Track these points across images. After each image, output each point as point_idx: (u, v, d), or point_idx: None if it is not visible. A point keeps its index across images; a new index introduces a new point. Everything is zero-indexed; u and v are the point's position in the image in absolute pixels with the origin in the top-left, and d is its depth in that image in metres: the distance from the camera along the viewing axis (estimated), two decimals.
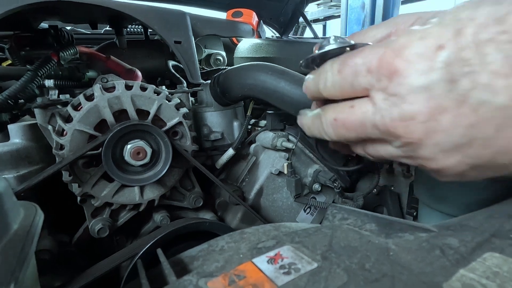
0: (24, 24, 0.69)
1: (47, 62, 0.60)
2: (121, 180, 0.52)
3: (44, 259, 0.51)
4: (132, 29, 1.35)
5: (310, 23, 1.51)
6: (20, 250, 0.22)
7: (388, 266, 0.25)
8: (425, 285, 0.22)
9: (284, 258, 0.27)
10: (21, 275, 0.20)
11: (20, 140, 0.56)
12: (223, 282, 0.25)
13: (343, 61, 0.28)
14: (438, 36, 0.23)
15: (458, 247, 0.27)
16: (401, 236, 0.31)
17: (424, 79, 0.23)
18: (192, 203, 0.65)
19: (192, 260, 0.32)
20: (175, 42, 0.60)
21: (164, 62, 0.84)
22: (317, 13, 5.84)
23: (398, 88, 0.24)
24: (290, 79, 0.63)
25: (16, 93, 0.56)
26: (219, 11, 1.19)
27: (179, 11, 0.61)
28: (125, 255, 0.44)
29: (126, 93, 0.53)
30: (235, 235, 0.34)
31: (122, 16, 0.58)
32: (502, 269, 0.23)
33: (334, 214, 0.38)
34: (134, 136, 0.53)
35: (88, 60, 0.72)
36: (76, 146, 0.51)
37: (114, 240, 0.63)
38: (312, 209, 0.73)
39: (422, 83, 0.23)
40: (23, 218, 0.26)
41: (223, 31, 0.72)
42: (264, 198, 0.69)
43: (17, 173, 0.54)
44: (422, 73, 0.23)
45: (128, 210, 0.59)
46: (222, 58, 1.20)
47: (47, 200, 0.58)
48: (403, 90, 0.23)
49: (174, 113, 0.57)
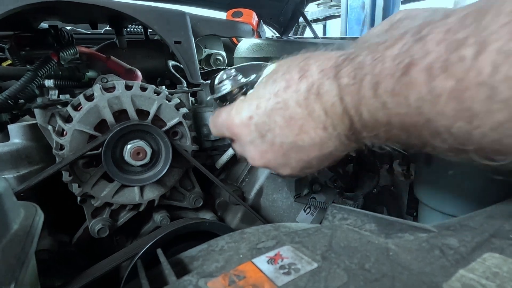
0: (24, 24, 0.69)
1: (47, 62, 0.60)
2: (121, 180, 0.52)
3: (44, 259, 0.51)
4: (132, 29, 1.35)
5: (310, 23, 1.51)
6: (20, 250, 0.22)
7: (388, 266, 0.25)
8: (425, 285, 0.22)
9: (284, 258, 0.27)
10: (21, 275, 0.20)
11: (20, 140, 0.56)
12: (223, 282, 0.25)
13: (213, 121, 0.45)
14: (248, 110, 0.38)
15: (458, 247, 0.27)
16: (401, 236, 0.31)
17: (249, 137, 0.39)
18: (192, 203, 0.65)
19: (192, 260, 0.32)
20: (175, 42, 0.60)
21: (164, 62, 0.84)
22: (317, 13, 5.84)
23: (241, 142, 0.41)
24: None
25: (16, 93, 0.56)
26: (219, 11, 1.19)
27: (179, 11, 0.61)
28: (125, 255, 0.44)
29: (126, 93, 0.53)
30: (235, 235, 0.34)
31: (122, 16, 0.58)
32: (502, 269, 0.23)
33: (334, 214, 0.38)
34: (134, 136, 0.53)
35: (88, 60, 0.72)
36: (76, 146, 0.51)
37: (114, 240, 0.63)
38: (312, 209, 0.73)
39: (248, 140, 0.39)
40: (23, 218, 0.26)
41: (223, 31, 0.72)
42: (264, 198, 0.69)
43: (17, 173, 0.54)
44: (247, 135, 0.39)
45: (128, 210, 0.59)
46: (222, 58, 1.20)
47: (47, 200, 0.58)
48: (243, 143, 0.40)
49: (174, 113, 0.57)
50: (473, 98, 0.21)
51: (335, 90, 0.31)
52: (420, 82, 0.23)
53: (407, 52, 0.24)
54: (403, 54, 0.25)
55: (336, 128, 0.33)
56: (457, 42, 0.21)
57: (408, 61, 0.24)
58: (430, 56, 0.23)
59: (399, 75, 0.24)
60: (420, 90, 0.23)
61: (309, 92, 0.33)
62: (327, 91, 0.32)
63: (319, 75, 0.33)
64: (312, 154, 0.36)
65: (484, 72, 0.20)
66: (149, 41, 0.88)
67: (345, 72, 0.30)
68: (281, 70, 0.36)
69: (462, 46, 0.21)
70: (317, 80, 0.33)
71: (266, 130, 0.37)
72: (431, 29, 0.23)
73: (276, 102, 0.35)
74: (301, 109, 0.34)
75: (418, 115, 0.25)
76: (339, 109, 0.31)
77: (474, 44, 0.20)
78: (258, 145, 0.39)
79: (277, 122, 0.35)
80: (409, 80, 0.24)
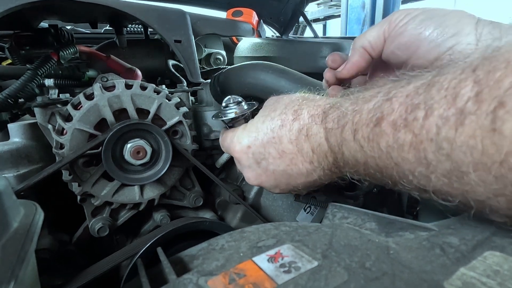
0: (24, 24, 0.68)
1: (47, 61, 0.60)
2: (121, 179, 0.52)
3: (44, 258, 0.51)
4: (132, 28, 1.35)
5: (310, 23, 1.51)
6: (20, 248, 0.22)
7: (388, 264, 0.25)
8: (425, 283, 0.22)
9: (285, 256, 0.27)
10: (21, 273, 0.20)
11: (20, 139, 0.56)
12: (223, 281, 0.25)
13: (221, 142, 0.53)
14: (248, 140, 0.46)
15: (459, 245, 0.27)
16: (401, 235, 0.31)
17: (247, 163, 0.47)
18: (192, 202, 0.64)
19: (192, 259, 0.32)
20: (175, 41, 0.60)
21: (164, 61, 0.84)
22: (317, 13, 5.84)
23: (240, 165, 0.49)
24: (290, 78, 0.63)
25: (16, 92, 0.55)
26: (219, 11, 1.19)
27: (179, 10, 0.61)
28: (125, 254, 0.44)
29: (126, 92, 0.53)
30: (235, 234, 0.34)
31: (122, 15, 0.58)
32: (503, 267, 0.23)
33: (334, 213, 0.38)
34: (134, 135, 0.53)
35: (88, 59, 0.72)
36: (76, 145, 0.51)
37: (114, 239, 0.63)
38: (312, 209, 0.73)
39: (246, 164, 0.47)
40: (23, 216, 0.26)
41: (223, 30, 0.72)
42: (264, 197, 0.69)
43: (17, 172, 0.53)
44: (245, 160, 0.47)
45: (128, 209, 0.59)
46: (222, 57, 1.20)
47: (47, 199, 0.58)
48: (242, 166, 0.49)
49: (174, 112, 0.57)
50: (426, 150, 0.26)
51: (322, 133, 0.39)
52: (388, 132, 0.29)
53: (378, 108, 0.30)
54: (376, 109, 0.31)
55: (321, 163, 0.40)
56: (413, 105, 0.27)
57: (379, 116, 0.30)
58: (394, 114, 0.28)
59: (372, 126, 0.30)
60: (388, 139, 0.29)
61: (300, 133, 0.41)
62: (315, 133, 0.39)
63: (309, 119, 0.40)
64: (299, 181, 0.44)
65: (431, 131, 0.25)
66: (149, 41, 0.88)
67: (330, 118, 0.37)
68: (279, 109, 0.44)
69: (416, 109, 0.26)
70: (307, 123, 0.40)
71: (261, 158, 0.45)
72: (396, 93, 0.30)
73: (272, 137, 0.43)
74: (292, 146, 0.42)
75: (388, 159, 0.30)
76: (325, 148, 0.39)
77: (424, 109, 0.25)
78: (254, 169, 0.47)
79: (271, 153, 0.44)
80: (380, 130, 0.30)
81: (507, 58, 0.22)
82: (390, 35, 0.44)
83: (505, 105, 0.20)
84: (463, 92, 0.23)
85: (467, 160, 0.23)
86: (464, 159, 0.23)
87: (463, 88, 0.23)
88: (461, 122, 0.23)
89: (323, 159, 0.40)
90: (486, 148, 0.21)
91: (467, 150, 0.23)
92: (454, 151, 0.23)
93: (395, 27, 0.43)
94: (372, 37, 0.45)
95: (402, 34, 0.42)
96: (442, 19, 0.40)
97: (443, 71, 0.26)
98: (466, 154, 0.23)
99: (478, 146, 0.22)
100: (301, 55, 0.97)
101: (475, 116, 0.22)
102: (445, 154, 0.24)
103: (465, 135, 0.23)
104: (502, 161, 0.21)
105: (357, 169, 0.36)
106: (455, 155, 0.23)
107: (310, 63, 0.94)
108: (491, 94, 0.21)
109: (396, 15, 0.44)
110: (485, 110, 0.21)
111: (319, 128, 0.39)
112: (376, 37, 0.45)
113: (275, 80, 0.63)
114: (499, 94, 0.21)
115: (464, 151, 0.23)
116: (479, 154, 0.22)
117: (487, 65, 0.22)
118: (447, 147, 0.24)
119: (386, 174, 0.32)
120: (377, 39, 0.45)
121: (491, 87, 0.21)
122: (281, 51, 1.02)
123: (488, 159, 0.22)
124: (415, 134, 0.26)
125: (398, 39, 0.43)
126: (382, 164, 0.31)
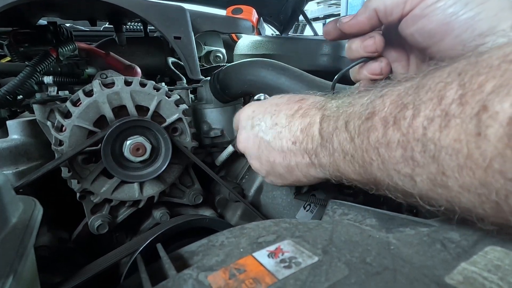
0: (23, 21, 0.68)
1: (46, 57, 0.59)
2: (120, 176, 0.52)
3: (44, 255, 0.51)
4: (131, 26, 1.34)
5: (310, 21, 1.51)
6: (19, 243, 0.22)
7: (389, 260, 0.25)
8: (426, 278, 0.22)
9: (285, 252, 0.27)
10: (20, 268, 0.20)
11: (19, 136, 0.56)
12: (223, 276, 0.24)
13: (237, 113, 0.55)
14: (255, 105, 0.50)
15: (460, 241, 0.27)
16: (402, 230, 0.31)
17: (245, 124, 0.50)
18: (191, 200, 0.64)
19: (192, 255, 0.32)
20: (175, 38, 0.60)
21: (163, 59, 0.84)
22: (317, 12, 5.83)
23: (239, 128, 0.52)
24: (291, 75, 0.63)
25: (15, 88, 0.55)
26: (219, 8, 1.18)
27: (179, 6, 0.61)
28: (124, 251, 0.44)
29: (126, 89, 0.52)
30: (235, 230, 0.34)
31: (121, 11, 0.58)
32: (504, 262, 0.23)
33: (335, 210, 0.38)
34: (133, 132, 0.52)
35: (87, 57, 0.71)
36: (75, 142, 0.50)
37: (113, 236, 0.62)
38: (312, 206, 0.72)
39: (243, 125, 0.50)
40: (22, 212, 0.26)
41: (223, 27, 0.72)
42: (264, 195, 0.69)
43: (16, 169, 0.53)
44: (244, 121, 0.50)
45: (128, 207, 0.59)
46: (222, 55, 1.20)
47: (46, 196, 0.57)
48: (240, 128, 0.51)
49: (173, 110, 0.56)
50: (413, 149, 0.26)
51: (318, 116, 0.40)
52: (378, 128, 0.29)
53: (371, 103, 0.31)
54: (368, 104, 0.32)
55: (302, 143, 0.42)
56: (403, 104, 0.27)
57: (371, 110, 0.31)
58: (385, 110, 0.29)
59: (364, 119, 0.31)
60: (378, 134, 0.29)
61: (297, 112, 0.43)
62: (311, 115, 0.41)
63: (311, 104, 0.43)
64: (277, 160, 0.46)
65: (418, 131, 0.25)
66: (149, 38, 0.88)
67: (328, 106, 0.39)
68: (286, 96, 0.47)
69: (405, 108, 0.27)
70: (308, 107, 0.43)
71: (256, 124, 0.48)
72: (388, 91, 0.30)
73: (274, 109, 0.46)
74: (285, 120, 0.44)
75: (375, 155, 0.30)
76: (314, 130, 0.40)
77: (412, 109, 0.26)
78: (247, 131, 0.49)
79: (266, 121, 0.47)
80: (371, 124, 0.30)
81: (489, 63, 0.22)
82: (414, 12, 0.37)
83: (488, 109, 0.20)
84: (448, 95, 0.23)
85: (452, 164, 0.23)
86: (449, 162, 0.23)
87: (448, 91, 0.23)
88: (446, 124, 0.23)
89: (307, 141, 0.40)
90: (471, 152, 0.21)
91: (452, 153, 0.23)
92: (440, 153, 0.24)
93: (421, 3, 0.36)
94: (391, 2, 0.38)
95: (428, 16, 0.35)
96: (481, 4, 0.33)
97: (431, 75, 0.27)
98: (451, 157, 0.23)
99: (463, 149, 0.22)
100: (301, 53, 0.96)
101: (460, 119, 0.22)
102: (431, 155, 0.24)
103: (450, 137, 0.23)
104: (486, 167, 0.21)
105: (341, 164, 0.36)
106: (441, 157, 0.24)
107: (310, 61, 0.94)
108: (474, 97, 0.21)
109: (374, 4, 0.39)
110: (469, 114, 0.21)
111: (317, 111, 0.41)
112: (395, 4, 0.38)
113: (275, 77, 0.62)
114: (482, 98, 0.21)
115: (449, 154, 0.23)
116: (464, 157, 0.22)
117: (471, 69, 0.23)
118: (433, 148, 0.24)
119: (370, 171, 0.32)
120: (396, 7, 0.38)
121: (474, 90, 0.21)
122: (281, 49, 1.01)
123: (472, 163, 0.22)
124: (403, 133, 0.26)
125: (422, 22, 0.36)
126: (368, 159, 0.31)
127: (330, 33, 0.47)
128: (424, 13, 0.36)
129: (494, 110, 0.20)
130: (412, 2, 0.36)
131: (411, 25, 0.38)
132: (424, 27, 0.36)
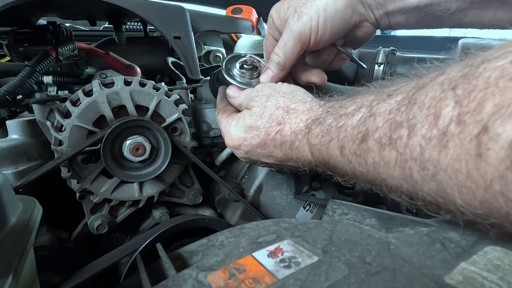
0: (23, 20, 0.68)
1: (46, 57, 0.59)
2: (120, 176, 0.52)
3: (43, 255, 0.51)
4: (131, 26, 1.34)
5: None
6: (19, 243, 0.22)
7: (389, 259, 0.25)
8: (426, 277, 0.22)
9: (285, 252, 0.27)
10: (20, 267, 0.20)
11: (18, 136, 0.56)
12: (223, 276, 0.24)
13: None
14: (238, 139, 0.50)
15: (459, 240, 0.27)
16: (401, 230, 0.31)
17: (240, 155, 0.52)
18: (191, 199, 0.64)
19: (191, 254, 0.32)
20: (175, 38, 0.60)
21: (163, 59, 0.83)
22: None
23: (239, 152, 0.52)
24: None
25: (15, 88, 0.55)
26: (219, 8, 1.18)
27: (179, 6, 0.61)
28: (124, 251, 0.44)
29: (125, 89, 0.52)
30: (234, 230, 0.34)
31: (121, 11, 0.58)
32: (503, 262, 0.23)
33: (334, 209, 0.38)
34: (133, 132, 0.52)
35: (87, 57, 0.71)
36: (75, 142, 0.50)
37: (113, 236, 0.62)
38: (311, 206, 0.73)
39: (242, 156, 0.52)
40: (21, 211, 0.26)
41: (222, 27, 0.72)
42: (263, 195, 0.69)
43: (15, 169, 0.53)
44: (238, 153, 0.52)
45: (127, 207, 0.59)
46: (222, 55, 1.20)
47: (46, 196, 0.57)
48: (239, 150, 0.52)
49: (173, 109, 0.56)
50: (411, 168, 0.26)
51: (306, 147, 0.41)
52: (374, 149, 0.29)
53: (363, 124, 0.31)
54: (360, 125, 0.31)
55: (305, 166, 0.43)
56: (396, 123, 0.27)
57: (365, 132, 0.30)
58: (379, 131, 0.28)
59: (358, 142, 0.31)
60: (374, 156, 0.29)
61: (283, 144, 0.44)
62: (298, 147, 0.42)
63: (291, 135, 0.42)
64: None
65: (415, 151, 0.25)
66: (148, 38, 0.87)
67: (313, 134, 0.38)
68: (264, 117, 0.46)
69: (400, 127, 0.26)
70: (289, 139, 0.43)
71: (254, 157, 0.50)
72: (379, 108, 0.30)
73: (258, 142, 0.47)
74: (278, 150, 0.45)
75: (375, 174, 0.30)
76: (309, 159, 0.41)
77: (407, 128, 0.25)
78: (245, 157, 0.52)
79: (260, 153, 0.48)
80: (366, 147, 0.30)
81: (486, 77, 0.21)
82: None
83: (489, 131, 0.20)
84: (444, 113, 0.23)
85: (451, 183, 0.23)
86: (449, 182, 0.23)
87: (444, 108, 0.23)
88: (444, 145, 0.22)
89: (308, 164, 0.43)
90: (471, 172, 0.21)
91: (451, 173, 0.22)
92: (439, 173, 0.23)
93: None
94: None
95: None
96: None
97: (423, 88, 0.26)
98: (451, 176, 0.23)
99: (462, 169, 0.22)
100: None
101: (459, 140, 0.22)
102: (430, 174, 0.24)
103: (449, 157, 0.22)
104: (487, 187, 0.20)
105: (346, 179, 0.37)
106: (440, 176, 0.23)
107: None
108: (474, 118, 0.21)
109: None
110: (468, 134, 0.21)
111: (303, 144, 0.41)
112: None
113: None
114: (482, 119, 0.20)
115: (449, 174, 0.23)
116: (464, 177, 0.22)
117: (466, 83, 0.22)
118: (432, 168, 0.24)
119: (375, 186, 0.32)
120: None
121: (474, 110, 0.21)
122: None
123: (472, 183, 0.21)
124: (400, 152, 0.26)
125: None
126: (371, 178, 0.31)
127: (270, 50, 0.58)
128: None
129: (496, 132, 0.19)
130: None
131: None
132: None
